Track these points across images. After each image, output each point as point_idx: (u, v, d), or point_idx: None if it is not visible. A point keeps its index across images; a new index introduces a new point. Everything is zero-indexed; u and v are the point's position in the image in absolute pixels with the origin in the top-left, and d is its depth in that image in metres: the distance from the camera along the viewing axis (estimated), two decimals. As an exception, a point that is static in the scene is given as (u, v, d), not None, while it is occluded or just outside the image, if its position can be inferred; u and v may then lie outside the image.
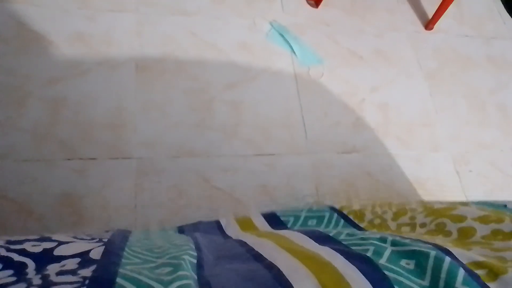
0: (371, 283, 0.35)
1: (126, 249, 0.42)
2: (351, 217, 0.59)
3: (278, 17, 1.36)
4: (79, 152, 1.00)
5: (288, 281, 0.36)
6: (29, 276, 0.32)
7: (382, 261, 0.39)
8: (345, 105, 1.27)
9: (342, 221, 0.59)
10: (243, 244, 0.49)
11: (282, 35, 1.32)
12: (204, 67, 1.21)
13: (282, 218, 0.62)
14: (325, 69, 1.31)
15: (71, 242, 0.41)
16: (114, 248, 0.41)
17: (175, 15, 1.28)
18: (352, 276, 0.36)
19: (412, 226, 0.54)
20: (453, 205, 0.56)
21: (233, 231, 0.59)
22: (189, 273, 0.36)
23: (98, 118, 1.05)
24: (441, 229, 0.51)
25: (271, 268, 0.39)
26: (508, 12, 1.65)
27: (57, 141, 1.01)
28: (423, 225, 0.54)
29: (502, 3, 1.66)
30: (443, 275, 0.36)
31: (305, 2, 1.42)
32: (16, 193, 0.92)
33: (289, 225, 0.61)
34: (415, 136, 1.29)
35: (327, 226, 0.59)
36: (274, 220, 0.62)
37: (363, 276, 0.36)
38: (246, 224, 0.61)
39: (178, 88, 1.16)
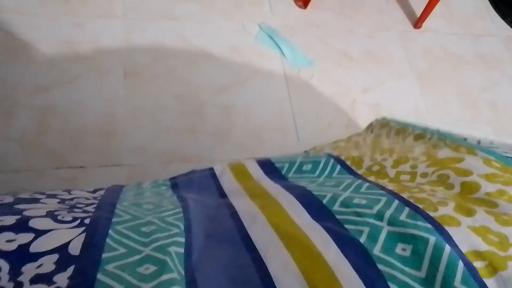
0: (364, 282, 0.34)
1: (111, 232, 0.40)
2: (348, 163, 0.57)
3: (267, 19, 1.36)
4: (68, 160, 0.99)
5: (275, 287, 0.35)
6: (1, 282, 0.31)
7: (377, 250, 0.38)
8: (336, 106, 1.27)
9: (338, 166, 0.56)
10: (234, 214, 0.46)
11: (271, 37, 1.31)
12: (195, 72, 1.20)
13: (276, 165, 0.60)
14: (316, 70, 1.31)
15: (49, 231, 0.38)
16: (95, 238, 0.38)
17: (164, 20, 1.27)
18: (344, 274, 0.35)
19: (413, 175, 0.51)
20: (459, 149, 0.53)
21: (228, 180, 0.56)
22: (173, 275, 0.35)
23: (87, 126, 1.04)
24: (443, 181, 0.48)
25: (260, 265, 0.38)
26: (496, 10, 1.66)
27: (46, 150, 0.99)
28: (424, 174, 0.51)
29: (489, 2, 1.67)
30: (441, 268, 0.35)
31: (294, 4, 1.42)
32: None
33: (283, 172, 0.58)
34: (408, 135, 1.29)
35: (322, 172, 0.56)
36: (268, 166, 0.59)
37: (356, 274, 0.35)
38: (240, 173, 0.58)
39: (168, 93, 1.15)
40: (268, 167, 0.60)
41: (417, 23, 1.50)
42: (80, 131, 1.03)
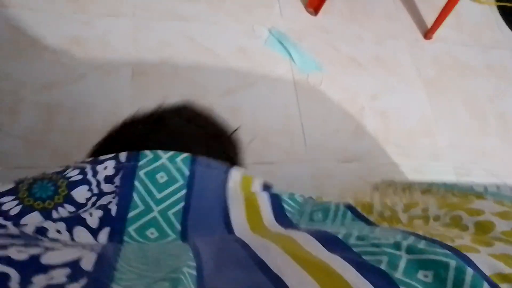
0: None
1: (121, 257, 0.40)
2: (358, 209, 0.56)
3: (277, 23, 1.35)
4: (73, 159, 0.97)
5: None
6: None
7: (398, 274, 0.37)
8: (344, 112, 1.25)
9: (349, 213, 0.55)
10: (245, 246, 0.45)
11: (280, 42, 1.30)
12: (202, 73, 1.19)
13: (288, 214, 0.58)
14: (324, 76, 1.29)
15: (60, 250, 0.38)
16: (107, 257, 0.38)
17: (172, 20, 1.26)
18: None
19: (425, 219, 0.51)
20: (468, 197, 0.53)
21: (237, 214, 0.55)
22: None
23: (93, 125, 1.03)
24: (456, 223, 0.48)
25: (277, 281, 0.37)
26: (505, 22, 1.65)
27: (51, 148, 0.98)
28: (436, 218, 0.51)
29: (499, 13, 1.66)
30: None
31: (304, 9, 1.41)
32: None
33: (294, 221, 0.57)
34: (415, 144, 1.27)
35: (333, 220, 0.55)
36: (279, 210, 0.58)
37: None
38: (252, 211, 0.56)
39: (175, 94, 1.14)
40: (279, 210, 0.58)
41: (428, 33, 1.49)
42: (85, 129, 1.02)
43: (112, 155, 0.53)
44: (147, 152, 0.53)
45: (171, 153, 0.54)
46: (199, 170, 0.55)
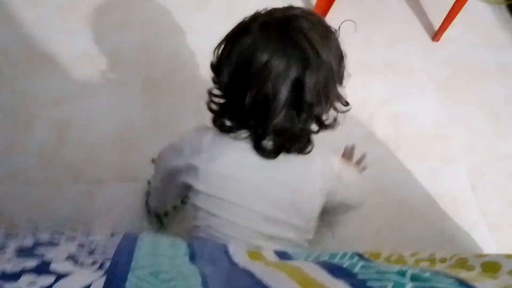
0: None
1: (130, 276, 0.40)
2: (366, 256, 0.56)
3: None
4: (86, 175, 0.99)
5: None
6: None
7: None
8: (354, 118, 1.24)
9: (356, 257, 0.56)
10: (250, 275, 0.46)
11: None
12: (211, 84, 1.20)
13: (292, 255, 0.59)
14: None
15: (70, 274, 0.38)
16: (115, 282, 0.39)
17: (181, 32, 1.27)
18: None
19: (432, 261, 0.52)
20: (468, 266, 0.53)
21: (240, 258, 0.56)
22: None
23: (104, 140, 1.04)
24: (463, 264, 0.48)
25: None
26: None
27: (63, 164, 1.00)
28: (443, 260, 0.51)
29: (509, 12, 1.63)
30: None
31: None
32: (22, 219, 0.91)
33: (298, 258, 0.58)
34: (428, 149, 1.26)
35: (340, 259, 0.56)
36: (284, 253, 0.59)
37: None
38: (255, 254, 0.58)
39: (186, 106, 1.14)
40: (284, 254, 0.59)
41: (436, 35, 1.47)
42: (97, 144, 1.03)
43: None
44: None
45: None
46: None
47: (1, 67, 1.11)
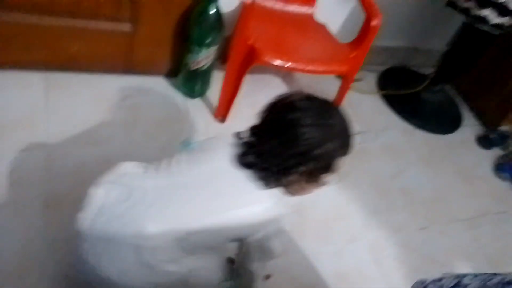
0: None
1: None
2: None
3: (190, 136, 1.44)
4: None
5: None
6: None
7: None
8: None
9: None
10: None
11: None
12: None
13: None
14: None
15: None
16: None
17: (87, 145, 1.30)
18: None
19: None
20: None
21: None
22: None
23: (4, 265, 0.98)
24: None
25: None
26: (390, 107, 1.89)
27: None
28: None
29: (383, 101, 1.92)
30: None
31: (213, 119, 1.54)
32: None
33: None
34: (332, 230, 1.35)
35: None
36: None
37: None
38: None
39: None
40: None
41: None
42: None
43: None
44: None
45: None
46: None
47: None
